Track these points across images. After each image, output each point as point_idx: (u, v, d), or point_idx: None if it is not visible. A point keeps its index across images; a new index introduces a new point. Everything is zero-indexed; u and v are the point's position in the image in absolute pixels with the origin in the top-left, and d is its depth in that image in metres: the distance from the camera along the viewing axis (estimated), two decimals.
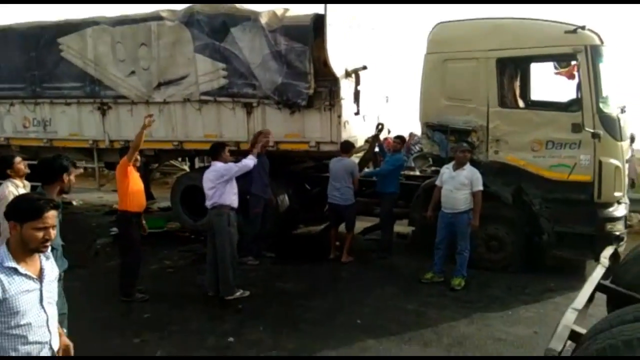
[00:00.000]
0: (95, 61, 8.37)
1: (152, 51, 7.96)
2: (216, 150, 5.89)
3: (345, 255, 7.00)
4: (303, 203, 8.39)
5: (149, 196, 11.46)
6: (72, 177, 3.48)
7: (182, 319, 5.00)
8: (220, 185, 5.54)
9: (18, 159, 4.55)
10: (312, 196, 8.55)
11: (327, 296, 5.71)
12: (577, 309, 2.95)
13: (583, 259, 6.33)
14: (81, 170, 4.00)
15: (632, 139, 8.07)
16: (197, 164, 11.13)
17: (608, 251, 4.17)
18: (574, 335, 2.74)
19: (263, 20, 7.29)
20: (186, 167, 11.86)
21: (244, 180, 6.38)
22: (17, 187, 4.26)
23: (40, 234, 2.11)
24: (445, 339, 4.57)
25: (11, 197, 3.36)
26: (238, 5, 7.58)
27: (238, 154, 7.78)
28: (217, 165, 5.71)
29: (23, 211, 2.12)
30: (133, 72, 8.20)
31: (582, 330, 2.79)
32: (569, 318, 2.82)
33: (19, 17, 15.88)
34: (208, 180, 5.65)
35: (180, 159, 11.78)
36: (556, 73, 6.75)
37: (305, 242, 8.34)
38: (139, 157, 5.83)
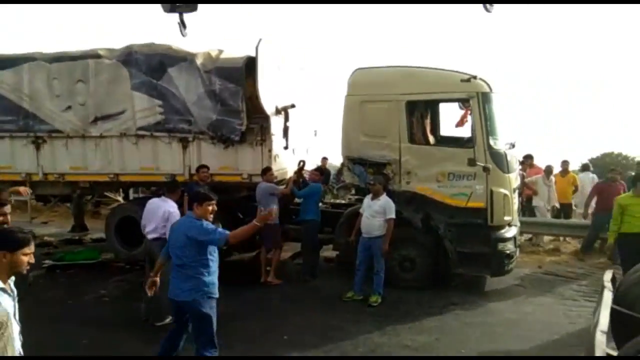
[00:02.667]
0: (31, 96, 8.55)
1: (89, 87, 8.27)
2: (173, 187, 6.24)
3: (272, 276, 7.53)
4: None
5: (83, 227, 11.56)
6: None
7: (119, 344, 5.31)
8: (168, 224, 5.69)
9: None
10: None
11: (258, 316, 6.20)
12: (604, 331, 3.20)
13: (481, 275, 7.26)
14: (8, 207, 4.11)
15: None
16: (132, 195, 11.36)
17: (608, 275, 4.48)
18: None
19: (199, 61, 7.87)
20: (120, 199, 11.98)
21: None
22: None
23: (27, 259, 2.58)
24: (360, 348, 5.21)
25: None
26: (174, 47, 8.11)
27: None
28: (172, 210, 5.84)
29: (16, 241, 2.55)
30: (69, 107, 8.45)
31: (614, 352, 3.16)
32: (601, 340, 3.09)
33: None
34: (158, 217, 5.86)
35: (114, 191, 11.90)
36: (456, 126, 7.73)
37: (238, 268, 8.78)
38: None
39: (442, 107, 8.25)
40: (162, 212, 5.89)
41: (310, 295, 7.03)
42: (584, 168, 11.64)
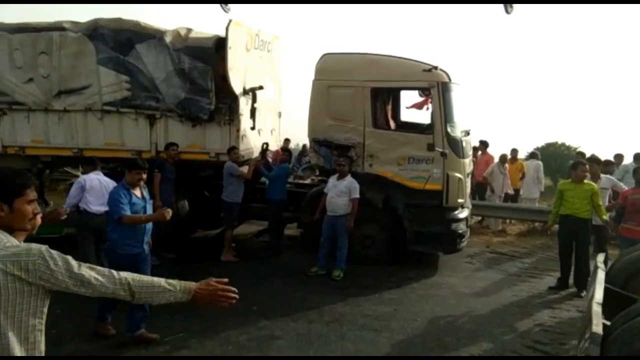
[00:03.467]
0: None
1: (53, 60, 8.11)
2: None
3: (225, 253, 7.80)
4: (202, 208, 9.04)
5: (44, 202, 11.35)
6: None
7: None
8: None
9: None
10: (210, 202, 9.22)
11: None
12: (599, 303, 3.61)
13: (436, 252, 7.82)
14: None
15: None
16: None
17: (601, 257, 4.87)
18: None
19: (168, 39, 7.89)
20: (79, 174, 11.80)
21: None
22: None
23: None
24: (325, 317, 5.62)
25: None
26: (142, 23, 8.09)
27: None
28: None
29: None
30: (31, 79, 8.28)
31: (607, 322, 3.47)
32: (598, 310, 3.48)
33: None
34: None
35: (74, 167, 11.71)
36: (408, 107, 8.17)
37: (203, 244, 8.99)
38: None
39: (403, 93, 8.69)
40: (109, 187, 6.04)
41: (276, 271, 7.37)
42: (532, 156, 12.40)
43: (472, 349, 4.97)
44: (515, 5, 4.99)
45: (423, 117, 8.25)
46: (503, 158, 11.01)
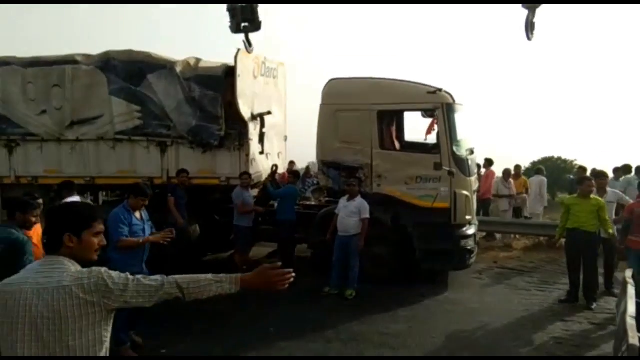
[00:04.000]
0: (4, 99, 8.55)
1: (66, 92, 8.36)
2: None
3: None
4: (212, 232, 9.17)
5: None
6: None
7: None
8: None
9: None
10: (220, 225, 9.36)
11: (242, 313, 6.58)
12: (633, 316, 3.80)
13: (445, 269, 7.94)
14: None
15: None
16: (101, 199, 11.38)
17: (629, 273, 5.05)
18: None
19: (178, 69, 8.16)
20: (89, 202, 11.94)
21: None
22: None
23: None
24: (342, 336, 5.72)
25: None
26: (153, 54, 8.36)
27: (152, 189, 8.49)
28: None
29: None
30: (44, 111, 8.52)
31: None
32: (632, 323, 3.64)
33: None
34: None
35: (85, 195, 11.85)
36: (427, 134, 8.29)
37: (214, 268, 9.07)
38: None
39: (408, 115, 8.91)
40: None
41: (289, 292, 7.35)
42: (537, 172, 12.43)
43: None
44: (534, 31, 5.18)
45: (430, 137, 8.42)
46: (507, 172, 11.19)
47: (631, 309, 4.03)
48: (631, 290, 4.54)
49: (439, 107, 7.46)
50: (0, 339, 1.94)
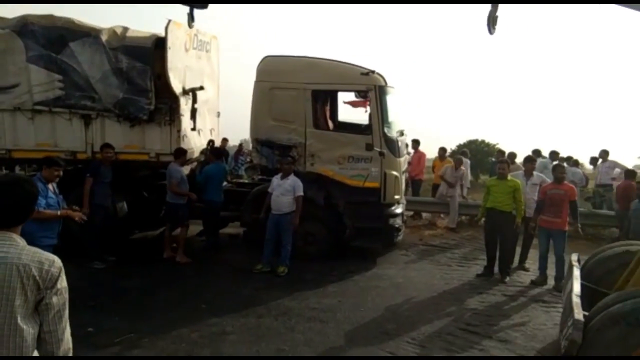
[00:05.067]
0: None
1: None
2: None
3: (180, 255, 7.79)
4: (140, 209, 8.88)
5: None
6: None
7: None
8: None
9: None
10: (149, 203, 9.09)
11: (172, 289, 6.52)
12: (578, 295, 4.25)
13: (375, 246, 8.24)
14: None
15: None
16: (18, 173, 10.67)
17: (574, 257, 5.52)
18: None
19: (104, 37, 7.74)
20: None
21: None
22: None
23: None
24: (273, 311, 5.81)
25: None
26: (76, 21, 7.87)
27: (75, 164, 8.10)
28: None
29: None
30: None
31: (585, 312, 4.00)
32: (578, 302, 4.06)
33: None
34: None
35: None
36: (345, 102, 8.55)
37: (143, 245, 8.88)
38: None
39: (341, 94, 9.03)
40: None
41: (221, 269, 7.46)
42: (461, 154, 13.04)
43: (412, 334, 5.36)
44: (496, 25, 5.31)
45: (360, 117, 8.66)
46: (458, 161, 11.24)
47: (576, 288, 4.47)
48: (576, 272, 5.03)
49: (372, 89, 7.64)
50: None
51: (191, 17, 5.89)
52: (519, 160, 11.00)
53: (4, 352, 1.87)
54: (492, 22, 5.53)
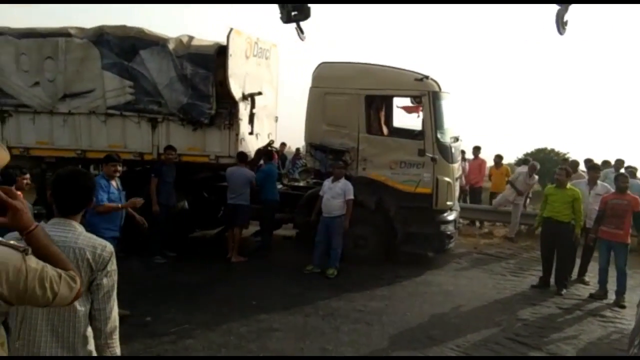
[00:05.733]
0: None
1: (59, 64, 8.42)
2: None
3: (235, 255, 8.09)
4: (200, 209, 9.35)
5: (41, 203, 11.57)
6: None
7: None
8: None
9: None
10: (209, 203, 9.53)
11: (226, 285, 6.83)
12: None
13: (425, 253, 8.19)
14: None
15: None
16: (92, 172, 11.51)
17: None
18: None
19: (171, 46, 8.23)
20: None
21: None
22: None
23: None
24: (320, 311, 5.96)
25: None
26: (146, 30, 8.43)
27: (143, 164, 8.68)
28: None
29: None
30: (37, 83, 8.59)
31: None
32: None
33: None
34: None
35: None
36: (399, 107, 8.57)
37: (202, 243, 9.32)
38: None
39: (396, 101, 9.06)
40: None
41: (273, 268, 7.71)
42: (524, 162, 12.54)
43: (457, 341, 5.32)
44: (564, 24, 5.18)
45: (414, 123, 8.66)
46: (533, 167, 10.78)
47: None
48: None
49: (425, 95, 7.63)
50: None
51: (300, 31, 6.31)
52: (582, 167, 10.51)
53: (60, 328, 2.12)
54: (561, 22, 5.36)
